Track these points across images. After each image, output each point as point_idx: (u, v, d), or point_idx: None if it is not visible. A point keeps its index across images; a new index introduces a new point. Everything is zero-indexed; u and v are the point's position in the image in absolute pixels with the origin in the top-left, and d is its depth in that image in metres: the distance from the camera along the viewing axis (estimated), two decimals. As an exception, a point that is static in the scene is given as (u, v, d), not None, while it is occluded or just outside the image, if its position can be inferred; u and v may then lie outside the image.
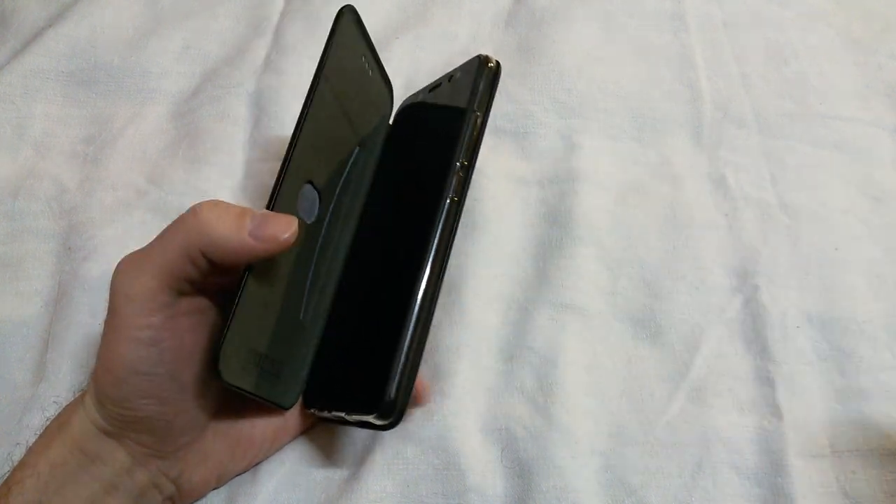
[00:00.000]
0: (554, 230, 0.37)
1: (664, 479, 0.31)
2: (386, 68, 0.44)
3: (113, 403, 0.26)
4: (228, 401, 0.29)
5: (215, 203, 0.26)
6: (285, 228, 0.26)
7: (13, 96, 0.42)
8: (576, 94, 0.42)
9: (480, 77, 0.30)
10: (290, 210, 0.29)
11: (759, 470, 0.31)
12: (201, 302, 0.27)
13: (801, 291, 0.35)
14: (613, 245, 0.37)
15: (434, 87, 0.35)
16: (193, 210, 0.25)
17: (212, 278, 0.26)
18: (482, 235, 0.37)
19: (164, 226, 0.37)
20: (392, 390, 0.26)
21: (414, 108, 0.35)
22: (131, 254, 0.26)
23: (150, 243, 0.26)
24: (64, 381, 0.33)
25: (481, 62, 0.31)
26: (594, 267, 0.36)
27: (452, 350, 0.34)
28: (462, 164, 0.29)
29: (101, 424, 0.26)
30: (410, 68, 0.44)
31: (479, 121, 0.30)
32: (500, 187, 0.39)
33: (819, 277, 0.36)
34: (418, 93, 0.36)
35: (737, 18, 0.45)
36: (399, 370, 0.27)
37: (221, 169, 0.40)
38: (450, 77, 0.33)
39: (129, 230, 0.38)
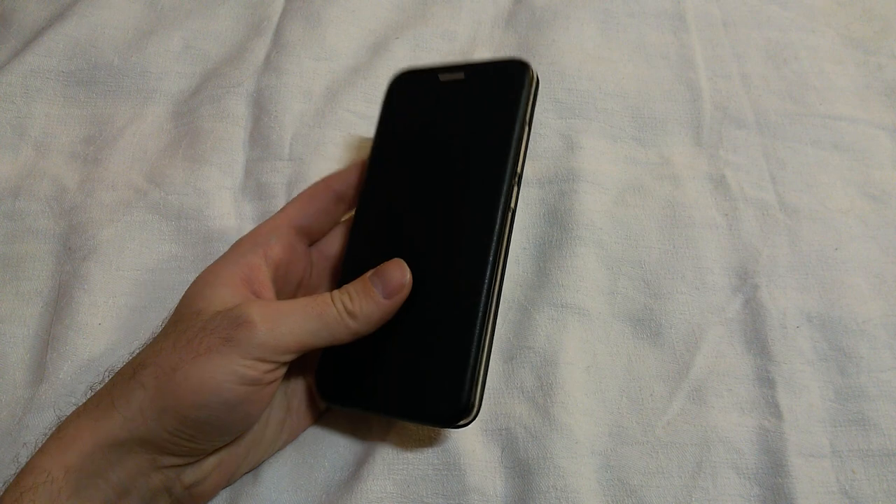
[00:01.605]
0: (554, 230, 0.37)
1: (664, 479, 0.31)
2: (386, 68, 0.44)
3: (180, 420, 0.26)
4: None
5: (350, 291, 0.29)
6: (401, 276, 0.29)
7: (13, 96, 0.42)
8: (576, 94, 0.42)
9: (531, 91, 0.32)
10: None
11: (759, 470, 0.31)
12: (287, 366, 0.28)
13: (800, 291, 0.36)
14: (613, 245, 0.37)
15: (452, 72, 0.34)
16: (344, 301, 0.28)
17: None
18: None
19: (165, 225, 0.38)
20: (468, 398, 0.28)
21: (426, 86, 0.34)
22: (279, 306, 0.28)
23: (302, 308, 0.28)
24: (64, 382, 0.33)
25: (528, 74, 0.31)
26: (594, 267, 0.36)
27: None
28: (518, 174, 0.31)
29: (140, 434, 0.26)
30: (410, 68, 0.44)
31: (528, 133, 0.31)
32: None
33: (819, 277, 0.36)
34: (424, 70, 0.35)
35: (737, 18, 0.45)
36: (473, 376, 0.28)
37: (221, 168, 0.40)
38: (474, 72, 0.33)
39: (129, 230, 0.38)
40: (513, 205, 0.31)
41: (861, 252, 0.37)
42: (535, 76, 0.32)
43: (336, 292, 0.29)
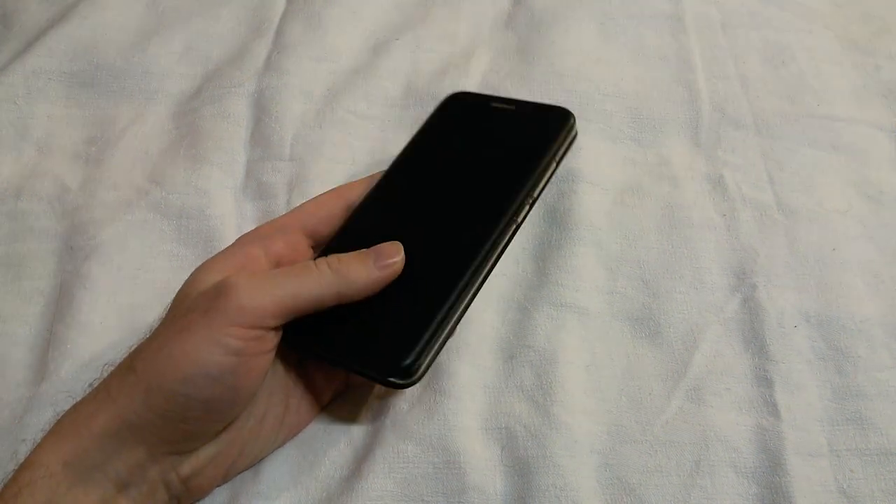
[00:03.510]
0: (553, 230, 0.37)
1: (662, 478, 0.31)
2: (386, 69, 0.44)
3: (166, 397, 0.25)
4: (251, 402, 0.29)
5: (341, 255, 0.29)
6: (396, 253, 0.30)
7: (15, 97, 0.43)
8: (575, 96, 0.42)
9: (567, 136, 0.35)
10: None
11: (758, 469, 0.31)
12: (277, 338, 0.28)
13: (798, 291, 0.36)
14: (612, 245, 0.37)
15: (502, 105, 0.37)
16: (329, 263, 0.28)
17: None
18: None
19: (166, 225, 0.38)
20: (415, 358, 0.29)
21: (475, 109, 0.38)
22: (260, 274, 0.28)
23: (283, 272, 0.28)
24: (65, 381, 0.33)
25: (570, 121, 0.35)
26: (593, 266, 0.36)
27: (452, 349, 0.34)
28: (534, 197, 0.33)
29: (131, 419, 0.26)
30: (410, 69, 0.44)
31: (555, 170, 0.34)
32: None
33: (817, 277, 0.36)
34: (480, 96, 0.39)
35: (735, 20, 0.46)
36: (427, 339, 0.29)
37: (222, 168, 0.40)
38: (523, 108, 0.37)
39: (130, 229, 0.38)
40: (519, 219, 0.32)
41: (859, 252, 0.37)
42: (574, 126, 0.35)
43: (321, 257, 0.29)
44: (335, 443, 0.32)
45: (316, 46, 0.45)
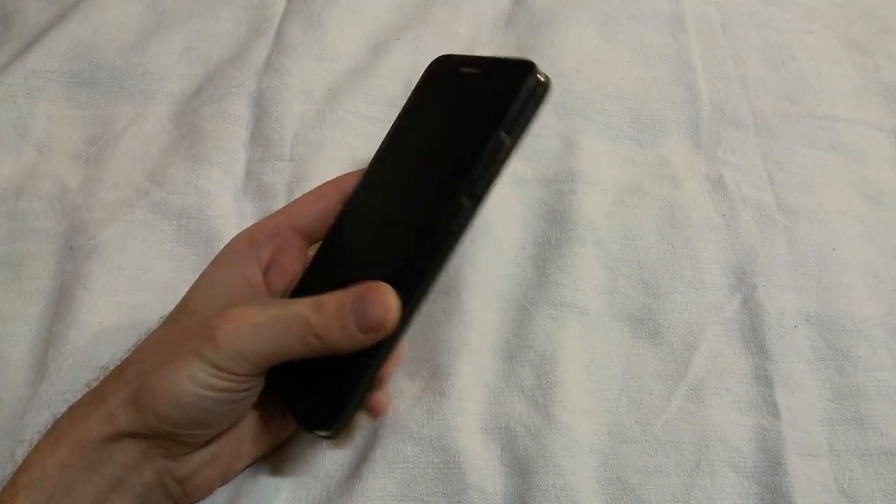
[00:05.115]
0: (553, 230, 0.37)
1: (662, 478, 0.31)
2: (386, 69, 0.44)
3: (159, 419, 0.26)
4: None
5: (318, 306, 0.27)
6: (385, 310, 0.26)
7: (15, 97, 0.43)
8: (575, 95, 0.42)
9: (519, 93, 0.25)
10: None
11: (758, 469, 0.31)
12: (265, 372, 0.28)
13: (798, 291, 0.36)
14: (612, 245, 0.37)
15: (471, 65, 0.30)
16: (307, 318, 0.26)
17: None
18: (482, 235, 0.37)
19: (166, 225, 0.38)
20: (342, 418, 0.27)
21: (450, 76, 0.31)
22: (251, 317, 0.27)
23: (274, 323, 0.27)
24: (65, 381, 0.33)
25: (529, 74, 0.26)
26: (593, 266, 0.36)
27: (453, 350, 0.34)
28: (473, 192, 0.26)
29: (123, 427, 0.26)
30: (410, 69, 0.44)
31: (506, 145, 0.26)
32: (500, 187, 0.39)
33: (816, 277, 0.36)
34: (456, 58, 0.31)
35: (735, 20, 0.46)
36: (354, 400, 0.27)
37: (222, 168, 0.40)
38: (488, 66, 0.29)
39: (130, 229, 0.38)
40: (456, 227, 0.26)
41: (858, 252, 0.37)
42: (537, 82, 0.26)
43: (310, 309, 0.27)
44: (335, 443, 0.32)
45: (316, 46, 0.45)
